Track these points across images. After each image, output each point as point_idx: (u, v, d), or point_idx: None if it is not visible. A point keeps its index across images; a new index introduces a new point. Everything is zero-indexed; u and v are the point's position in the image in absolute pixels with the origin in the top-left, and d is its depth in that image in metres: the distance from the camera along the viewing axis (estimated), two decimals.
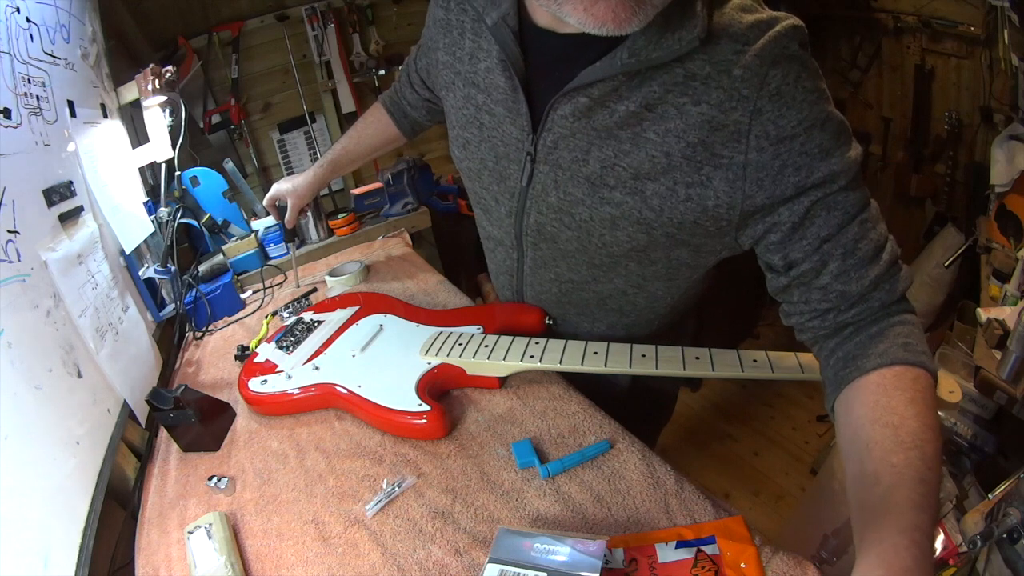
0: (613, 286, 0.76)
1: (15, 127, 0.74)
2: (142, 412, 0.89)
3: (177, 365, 1.09)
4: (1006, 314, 1.09)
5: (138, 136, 1.28)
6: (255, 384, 0.87)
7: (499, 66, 0.65)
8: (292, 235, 1.29)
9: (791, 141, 0.54)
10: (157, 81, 1.15)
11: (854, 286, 0.57)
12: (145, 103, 1.19)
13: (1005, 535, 0.78)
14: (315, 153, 2.05)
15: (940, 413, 1.20)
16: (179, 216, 1.21)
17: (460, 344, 0.83)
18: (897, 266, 0.59)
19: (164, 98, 1.20)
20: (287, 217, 1.22)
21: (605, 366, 0.73)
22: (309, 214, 1.51)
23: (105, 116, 1.10)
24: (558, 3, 0.50)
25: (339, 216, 1.55)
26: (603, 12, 0.47)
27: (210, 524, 0.67)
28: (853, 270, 0.57)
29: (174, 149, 1.25)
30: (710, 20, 0.53)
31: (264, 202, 1.25)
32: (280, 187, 1.21)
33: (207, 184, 1.37)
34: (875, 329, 0.57)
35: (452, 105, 0.75)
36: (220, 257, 1.33)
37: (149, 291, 1.12)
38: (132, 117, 1.27)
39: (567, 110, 0.60)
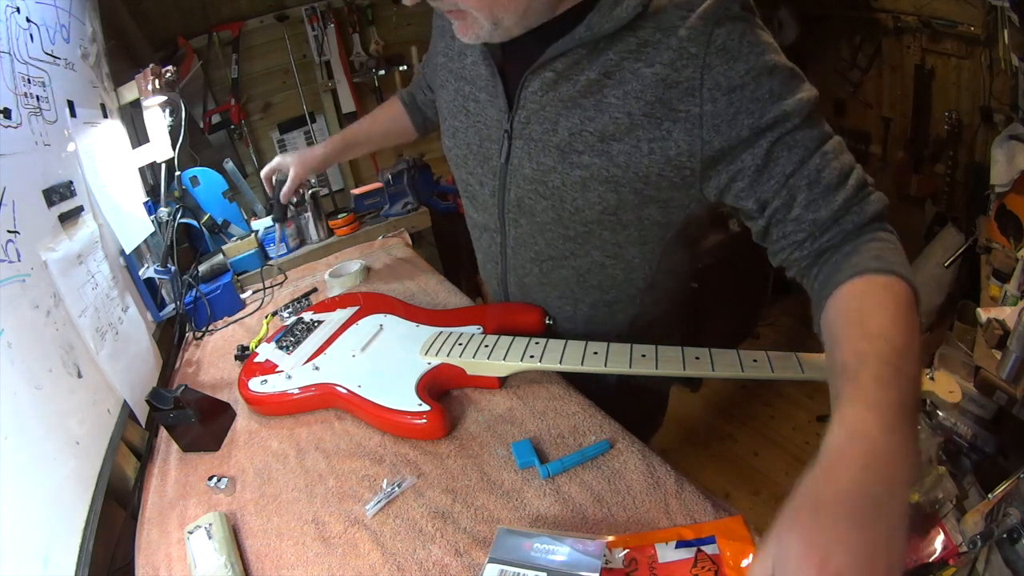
0: (590, 259, 0.78)
1: (15, 127, 0.74)
2: (142, 412, 0.89)
3: (177, 365, 1.09)
4: (1006, 314, 1.09)
5: (138, 136, 1.28)
6: (255, 384, 0.87)
7: (481, 57, 0.72)
8: (283, 213, 1.19)
9: (742, 90, 0.58)
10: (157, 81, 1.15)
11: (823, 211, 0.59)
12: (145, 103, 1.19)
13: (1005, 535, 0.78)
14: None
15: (940, 413, 1.20)
16: (179, 216, 1.21)
17: (460, 344, 0.83)
18: (867, 190, 0.61)
19: (164, 98, 1.20)
20: (284, 188, 1.11)
21: (605, 366, 0.73)
22: (309, 214, 1.51)
23: (105, 116, 1.10)
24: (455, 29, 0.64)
25: (339, 216, 1.55)
26: (459, 30, 0.63)
27: (210, 524, 0.67)
28: (821, 197, 0.59)
29: (174, 149, 1.25)
30: None
31: (263, 173, 1.15)
32: (283, 158, 1.13)
33: (207, 184, 1.37)
34: (849, 247, 0.59)
35: (445, 100, 0.82)
36: (220, 257, 1.34)
37: (149, 291, 1.12)
38: (132, 117, 1.27)
39: (536, 86, 0.67)
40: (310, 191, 1.52)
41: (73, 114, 0.93)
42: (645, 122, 0.62)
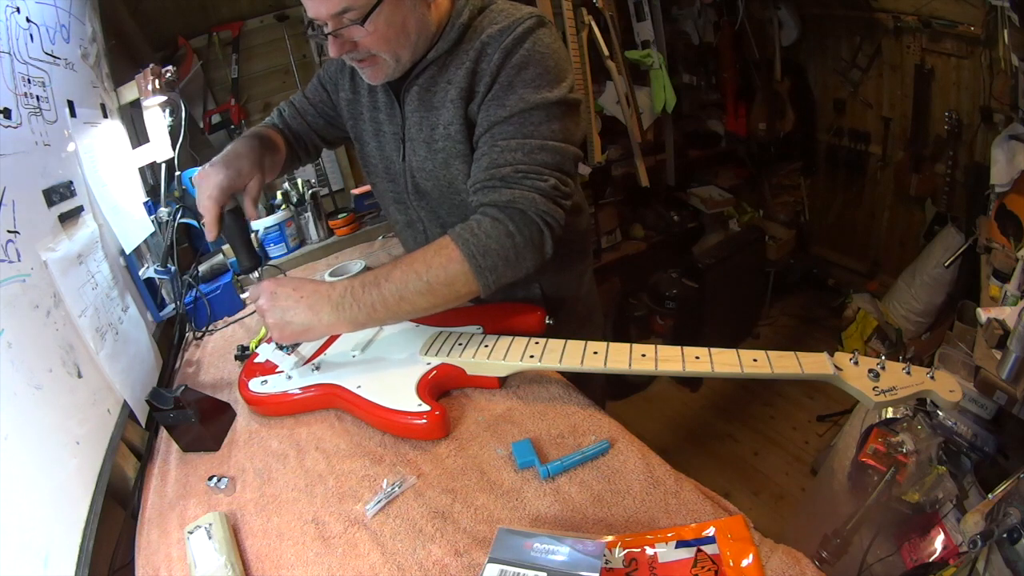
0: (464, 188, 0.88)
1: (15, 127, 0.74)
2: (142, 412, 0.89)
3: (177, 365, 1.09)
4: (1006, 314, 1.09)
5: (138, 136, 1.28)
6: (255, 384, 0.87)
7: (381, 88, 0.91)
8: (255, 255, 0.91)
9: (508, 73, 0.79)
10: (157, 81, 1.15)
11: (480, 175, 0.82)
12: (145, 103, 1.19)
13: (1005, 535, 0.78)
14: None
15: (940, 413, 1.20)
16: (179, 216, 1.20)
17: (460, 344, 0.83)
18: (501, 184, 0.78)
19: (164, 98, 1.20)
20: (248, 206, 0.90)
21: (605, 366, 0.73)
22: (309, 214, 1.51)
23: (105, 116, 1.10)
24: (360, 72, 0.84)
25: (339, 216, 1.55)
26: (369, 76, 0.84)
27: (210, 524, 0.67)
28: (487, 168, 0.80)
29: (174, 149, 1.25)
30: (470, 20, 0.82)
31: (208, 216, 0.84)
32: (211, 178, 0.85)
33: None
34: (479, 212, 0.80)
35: (364, 128, 0.98)
36: (220, 257, 1.33)
37: (149, 291, 1.12)
38: (132, 117, 1.27)
39: (409, 98, 0.87)
40: (310, 191, 1.52)
41: (73, 114, 0.93)
42: (460, 103, 0.82)
